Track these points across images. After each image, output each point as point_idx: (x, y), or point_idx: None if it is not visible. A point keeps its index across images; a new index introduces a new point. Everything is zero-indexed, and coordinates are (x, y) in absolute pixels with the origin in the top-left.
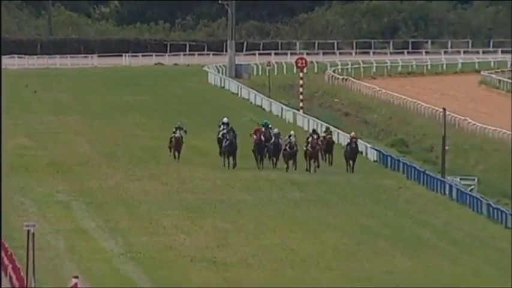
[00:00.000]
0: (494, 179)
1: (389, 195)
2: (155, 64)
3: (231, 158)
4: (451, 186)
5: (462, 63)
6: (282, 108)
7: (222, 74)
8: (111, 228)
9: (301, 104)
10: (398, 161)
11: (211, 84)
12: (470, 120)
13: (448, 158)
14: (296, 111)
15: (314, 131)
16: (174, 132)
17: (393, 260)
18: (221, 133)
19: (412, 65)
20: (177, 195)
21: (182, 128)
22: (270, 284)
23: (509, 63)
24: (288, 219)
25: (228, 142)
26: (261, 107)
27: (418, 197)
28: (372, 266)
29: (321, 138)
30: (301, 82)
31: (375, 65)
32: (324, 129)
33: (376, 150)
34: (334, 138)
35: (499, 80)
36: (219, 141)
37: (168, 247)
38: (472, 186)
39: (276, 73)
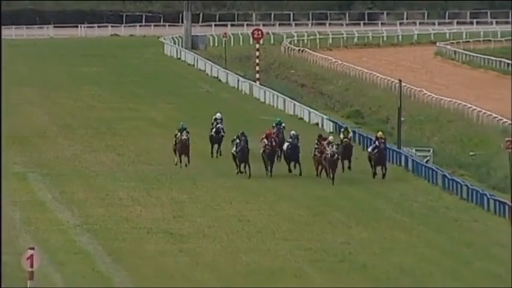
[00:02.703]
0: (449, 150)
1: (344, 166)
2: (111, 35)
3: (243, 165)
4: (406, 158)
5: (418, 34)
6: (238, 80)
7: (178, 45)
8: (67, 199)
9: (257, 76)
10: (354, 132)
11: (168, 55)
12: (425, 92)
13: (403, 129)
14: (252, 82)
15: (320, 135)
16: (180, 134)
17: (349, 231)
18: (214, 130)
19: (368, 37)
20: (133, 166)
21: (185, 129)
22: (226, 254)
23: (464, 35)
24: (244, 190)
25: (239, 148)
26: (217, 78)
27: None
28: (328, 237)
29: (338, 142)
30: (257, 53)
31: (331, 36)
32: (342, 129)
33: (332, 121)
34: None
35: (455, 51)
36: (211, 139)
37: (124, 218)
38: (428, 158)
39: (232, 44)
